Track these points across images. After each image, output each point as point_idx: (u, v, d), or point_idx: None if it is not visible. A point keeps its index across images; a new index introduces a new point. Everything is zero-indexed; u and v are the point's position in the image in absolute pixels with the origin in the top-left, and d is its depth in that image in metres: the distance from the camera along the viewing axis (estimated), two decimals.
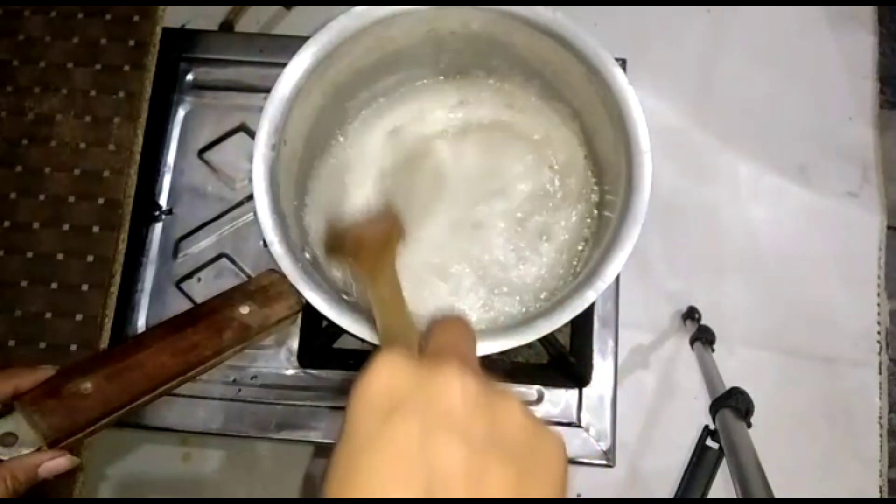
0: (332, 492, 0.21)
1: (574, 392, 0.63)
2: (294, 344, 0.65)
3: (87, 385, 0.38)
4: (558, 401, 0.63)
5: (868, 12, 0.80)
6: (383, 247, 0.42)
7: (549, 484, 0.23)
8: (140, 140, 0.62)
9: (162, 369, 0.41)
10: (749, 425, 0.52)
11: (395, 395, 0.23)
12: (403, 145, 0.55)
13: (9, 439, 0.37)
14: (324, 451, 0.66)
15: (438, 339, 0.27)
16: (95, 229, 0.59)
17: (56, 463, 0.37)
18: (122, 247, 0.60)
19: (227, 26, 0.75)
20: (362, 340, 0.45)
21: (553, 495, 0.23)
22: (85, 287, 0.58)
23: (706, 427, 0.57)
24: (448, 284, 0.53)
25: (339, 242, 0.45)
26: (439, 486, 0.21)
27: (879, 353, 0.72)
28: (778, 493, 0.44)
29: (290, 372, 0.65)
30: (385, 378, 0.23)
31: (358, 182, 0.55)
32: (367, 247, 0.42)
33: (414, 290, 0.51)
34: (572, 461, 0.62)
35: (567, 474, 0.23)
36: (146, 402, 0.41)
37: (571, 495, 0.67)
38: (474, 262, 0.53)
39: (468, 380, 0.23)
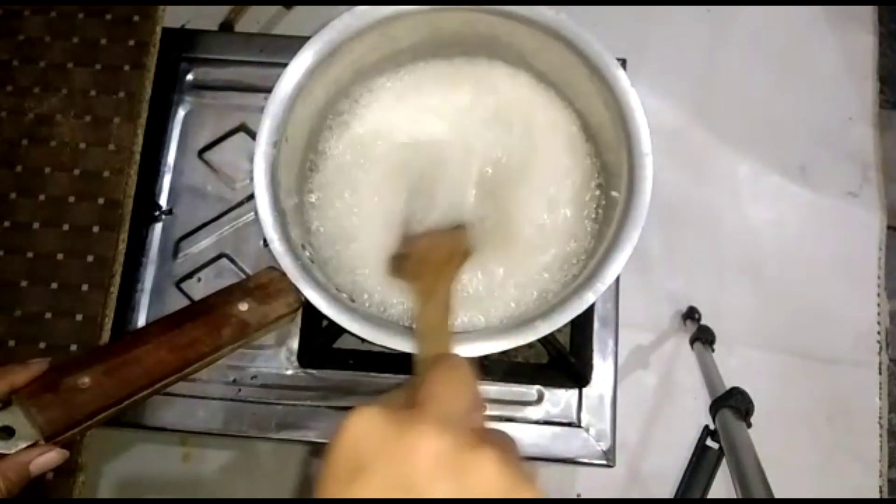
0: None
1: (574, 392, 0.63)
2: (294, 344, 0.65)
3: (86, 380, 0.38)
4: (558, 401, 0.63)
5: (868, 12, 0.80)
6: (444, 266, 0.42)
7: None
8: (140, 140, 0.62)
9: (160, 365, 0.41)
10: (749, 425, 0.52)
11: (363, 457, 0.23)
12: (404, 142, 0.55)
13: (6, 433, 0.37)
14: (324, 452, 0.66)
15: (427, 390, 0.27)
16: (95, 229, 0.59)
17: (47, 458, 0.37)
18: (122, 247, 0.60)
19: (227, 26, 0.75)
20: (362, 340, 0.45)
21: None
22: (85, 287, 0.58)
23: (706, 427, 0.57)
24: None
25: (403, 258, 0.45)
26: None
27: (879, 353, 0.72)
28: (778, 493, 0.44)
29: (290, 372, 0.65)
30: (355, 436, 0.24)
31: (359, 181, 0.55)
32: (428, 266, 0.41)
33: None
34: (573, 461, 0.62)
35: None
36: (144, 397, 0.41)
37: (571, 495, 0.67)
38: (477, 261, 0.53)
39: (439, 440, 0.23)
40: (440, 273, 0.42)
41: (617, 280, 0.53)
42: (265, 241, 0.46)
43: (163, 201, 0.69)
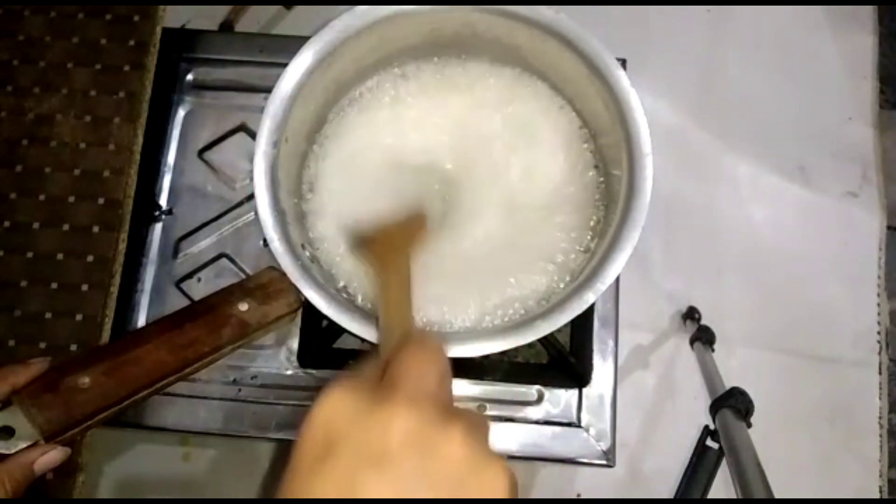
0: None
1: (574, 392, 0.63)
2: (294, 344, 0.65)
3: (85, 379, 0.38)
4: (558, 401, 0.63)
5: (868, 12, 0.80)
6: (401, 243, 0.42)
7: None
8: (140, 140, 0.62)
9: (160, 365, 0.41)
10: (749, 425, 0.52)
11: (334, 433, 0.24)
12: (404, 142, 0.55)
13: (6, 434, 0.37)
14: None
15: (397, 368, 0.27)
16: (95, 229, 0.59)
17: (50, 457, 0.37)
18: (122, 247, 0.60)
19: (227, 26, 0.75)
20: (362, 340, 0.45)
21: None
22: (85, 287, 0.58)
23: (706, 427, 0.57)
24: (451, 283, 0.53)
25: (362, 235, 0.45)
26: None
27: (879, 353, 0.72)
28: (778, 493, 0.44)
29: (290, 372, 0.65)
30: (327, 413, 0.24)
31: (359, 180, 0.55)
32: (384, 240, 0.42)
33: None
34: (573, 461, 0.62)
35: (510, 495, 0.24)
36: (144, 397, 0.41)
37: (571, 495, 0.67)
38: (478, 260, 0.53)
39: (409, 415, 0.24)
40: (396, 248, 0.42)
41: (617, 280, 0.53)
42: (265, 241, 0.46)
43: (163, 201, 0.69)
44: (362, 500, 0.22)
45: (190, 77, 0.71)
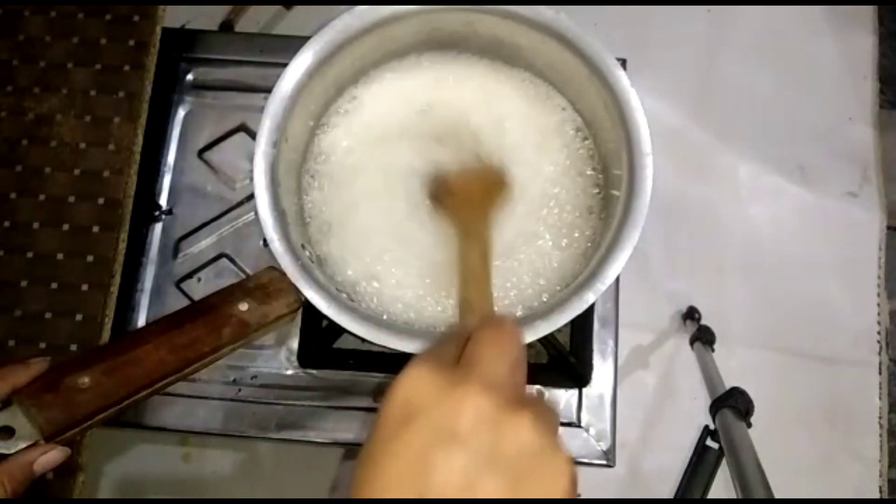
0: (352, 487, 0.25)
1: (574, 392, 0.63)
2: (294, 344, 0.65)
3: (85, 379, 0.38)
4: (558, 401, 0.63)
5: (868, 12, 0.80)
6: (482, 201, 0.43)
7: (542, 500, 0.25)
8: (140, 140, 0.62)
9: (160, 365, 0.41)
10: (749, 425, 0.52)
11: (413, 407, 0.26)
12: (404, 143, 0.55)
13: (6, 433, 0.37)
14: (323, 451, 0.66)
15: (474, 351, 0.29)
16: (95, 229, 0.59)
17: (50, 457, 0.37)
18: (122, 247, 0.60)
19: (227, 26, 0.75)
20: (362, 340, 0.45)
21: None
22: (85, 287, 0.58)
23: (706, 427, 0.57)
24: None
25: (443, 190, 0.46)
26: (434, 493, 0.24)
27: (879, 353, 0.72)
28: (778, 493, 0.44)
29: (290, 372, 0.65)
30: (408, 389, 0.26)
31: (359, 180, 0.55)
32: (463, 194, 0.43)
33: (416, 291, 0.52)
34: (573, 461, 0.61)
35: (568, 494, 0.25)
36: (144, 397, 0.41)
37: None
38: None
39: (483, 398, 0.25)
40: (479, 209, 0.43)
41: (617, 280, 0.53)
42: (265, 241, 0.46)
43: (163, 201, 0.69)
44: (431, 472, 0.24)
45: (190, 77, 0.71)
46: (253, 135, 0.70)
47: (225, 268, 0.67)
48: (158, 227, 0.68)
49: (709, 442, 0.56)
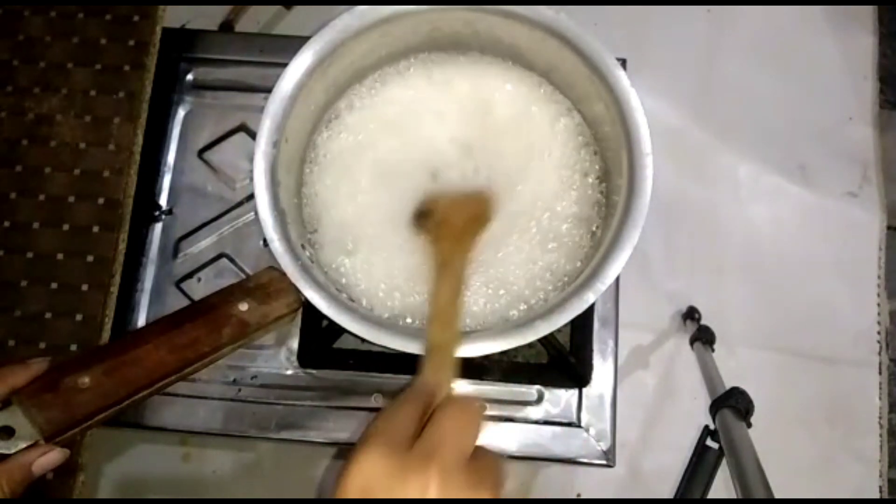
0: None
1: (574, 392, 0.63)
2: (294, 344, 0.65)
3: (85, 379, 0.38)
4: (558, 401, 0.63)
5: (868, 12, 0.80)
6: (462, 233, 0.43)
7: None
8: (140, 140, 0.62)
9: (160, 365, 0.41)
10: (749, 425, 0.52)
11: (371, 494, 0.26)
12: (403, 142, 0.55)
13: (6, 434, 0.37)
14: (324, 451, 0.66)
15: (436, 433, 0.28)
16: (95, 229, 0.59)
17: (49, 457, 0.37)
18: (122, 247, 0.60)
19: (227, 26, 0.75)
20: (362, 340, 0.45)
21: None
22: (85, 287, 0.58)
23: (706, 427, 0.57)
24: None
25: (426, 214, 0.46)
26: None
27: (879, 353, 0.71)
28: (778, 493, 0.44)
29: (290, 372, 0.65)
30: (366, 475, 0.26)
31: (360, 179, 0.55)
32: (447, 229, 0.42)
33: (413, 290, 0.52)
34: (573, 461, 0.62)
35: None
36: (144, 397, 0.41)
37: (571, 495, 0.67)
38: (480, 261, 0.53)
39: (440, 489, 0.26)
40: (458, 240, 0.43)
41: (617, 280, 0.53)
42: (265, 241, 0.46)
43: (163, 201, 0.69)
44: None
45: (190, 77, 0.71)
46: (253, 135, 0.70)
47: (225, 268, 0.67)
48: (158, 227, 0.68)
49: (709, 442, 0.56)
